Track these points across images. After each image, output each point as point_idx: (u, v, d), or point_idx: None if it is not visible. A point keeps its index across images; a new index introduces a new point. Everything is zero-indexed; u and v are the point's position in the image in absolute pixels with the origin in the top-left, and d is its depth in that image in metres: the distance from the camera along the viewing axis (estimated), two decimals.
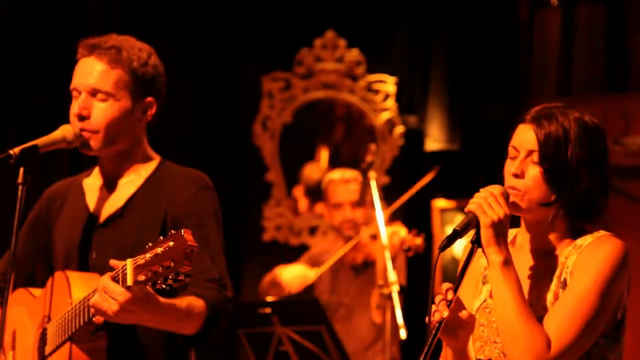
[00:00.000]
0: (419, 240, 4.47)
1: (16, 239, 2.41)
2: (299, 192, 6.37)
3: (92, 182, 2.71)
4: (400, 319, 4.08)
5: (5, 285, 2.45)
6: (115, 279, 2.27)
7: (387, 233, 4.31)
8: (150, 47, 2.69)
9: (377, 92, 6.44)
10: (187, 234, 2.15)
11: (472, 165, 6.23)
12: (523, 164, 2.26)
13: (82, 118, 2.58)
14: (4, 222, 2.55)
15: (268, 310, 4.12)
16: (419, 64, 6.50)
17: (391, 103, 6.40)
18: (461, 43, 6.36)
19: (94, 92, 2.58)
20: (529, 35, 6.26)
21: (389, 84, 6.41)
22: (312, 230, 6.28)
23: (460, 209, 6.27)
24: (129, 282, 2.22)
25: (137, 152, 2.66)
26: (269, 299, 4.30)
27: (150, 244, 2.21)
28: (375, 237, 4.63)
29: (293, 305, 4.28)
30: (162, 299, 2.34)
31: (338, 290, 4.71)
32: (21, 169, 2.42)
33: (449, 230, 2.15)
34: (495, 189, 2.25)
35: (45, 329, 2.58)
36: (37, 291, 2.67)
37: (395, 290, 4.11)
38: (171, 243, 2.16)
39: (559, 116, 2.27)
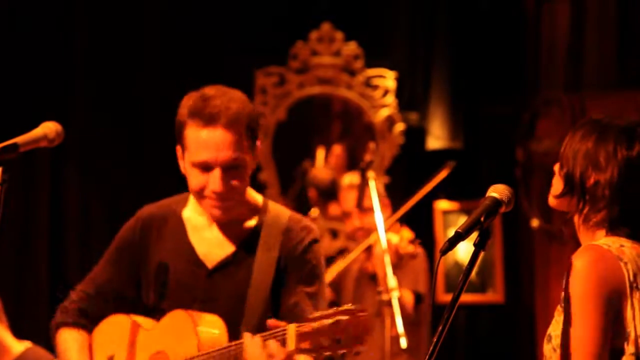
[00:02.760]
0: (411, 248, 4.50)
1: None
2: (312, 196, 6.37)
3: (194, 217, 2.72)
4: (400, 327, 4.09)
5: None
6: (274, 339, 2.30)
7: (387, 237, 4.33)
8: (241, 92, 2.70)
9: (376, 87, 6.46)
10: (362, 313, 2.20)
11: (476, 165, 6.25)
12: None
13: (220, 194, 2.59)
14: None
15: None
16: (420, 58, 6.52)
17: (391, 99, 6.42)
18: (465, 35, 6.38)
19: (231, 165, 2.59)
20: (536, 28, 6.28)
21: (388, 79, 6.43)
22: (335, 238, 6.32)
23: (464, 210, 6.33)
24: (291, 346, 2.25)
25: (246, 195, 2.69)
26: None
27: (317, 314, 2.24)
28: (367, 250, 4.66)
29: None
30: None
31: (359, 299, 4.73)
32: (0, 169, 2.42)
33: (451, 232, 2.17)
34: (501, 189, 2.27)
35: None
36: (147, 322, 2.68)
37: (395, 296, 4.13)
38: (344, 317, 2.19)
39: None
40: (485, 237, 2.21)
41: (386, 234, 4.38)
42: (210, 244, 2.67)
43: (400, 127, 6.40)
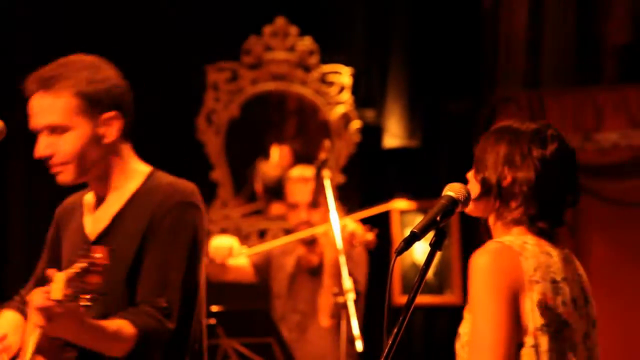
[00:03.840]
0: (370, 236, 4.50)
1: None
2: (258, 190, 6.38)
3: (89, 199, 2.82)
4: (356, 330, 4.11)
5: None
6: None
7: (343, 224, 4.35)
8: (98, 59, 2.79)
9: (331, 84, 6.47)
10: (97, 251, 2.29)
11: (434, 164, 6.29)
12: None
13: (48, 157, 2.69)
14: None
15: (212, 320, 4.13)
16: (376, 54, 6.54)
17: (347, 96, 6.44)
18: (422, 32, 6.41)
19: (51, 129, 2.67)
20: (494, 24, 6.32)
21: (344, 75, 6.45)
22: (262, 234, 6.29)
23: (421, 210, 6.36)
24: (56, 295, 2.33)
25: (118, 168, 2.75)
26: (214, 308, 4.30)
27: (77, 258, 2.34)
28: (312, 242, 4.66)
29: (240, 315, 4.28)
30: (88, 319, 2.46)
31: (294, 295, 4.73)
32: None
33: (408, 232, 2.19)
34: (457, 187, 2.29)
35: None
36: None
37: (350, 298, 4.14)
38: (95, 257, 2.30)
39: None
40: (441, 237, 2.23)
41: (340, 225, 4.39)
42: (94, 219, 2.76)
43: (356, 124, 6.41)
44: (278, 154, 6.46)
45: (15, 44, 5.91)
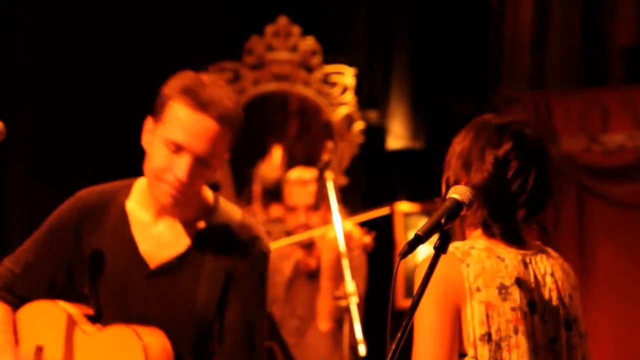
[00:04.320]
0: (367, 239, 4.51)
1: None
2: (256, 191, 6.39)
3: (138, 210, 2.66)
4: (359, 334, 4.11)
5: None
6: None
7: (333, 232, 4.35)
8: (227, 86, 2.72)
9: (334, 84, 6.48)
10: None
11: (438, 165, 6.28)
12: None
13: (179, 182, 2.54)
14: None
15: None
16: (379, 54, 6.55)
17: (349, 97, 6.44)
18: (426, 32, 6.42)
19: (204, 159, 2.55)
20: (499, 23, 6.33)
21: (347, 75, 6.45)
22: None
23: (425, 212, 6.37)
24: None
25: (198, 194, 2.65)
26: None
27: None
28: (310, 245, 4.66)
29: None
30: None
31: (292, 300, 4.73)
32: None
33: (412, 235, 2.20)
34: (462, 190, 2.30)
35: None
36: (84, 323, 2.61)
37: (353, 302, 4.14)
38: None
39: None
40: (446, 240, 2.24)
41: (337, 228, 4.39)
42: (155, 242, 2.62)
43: (359, 125, 6.42)
44: (280, 155, 6.47)
45: (15, 44, 5.92)
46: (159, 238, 2.62)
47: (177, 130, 2.54)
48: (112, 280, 2.61)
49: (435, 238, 2.25)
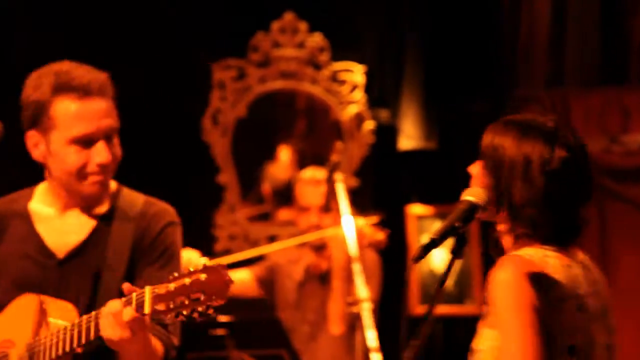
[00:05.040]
0: (380, 235, 4.50)
1: None
2: (266, 192, 6.39)
3: (40, 208, 2.79)
4: (372, 341, 4.11)
5: None
6: (128, 304, 2.43)
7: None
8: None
9: (343, 82, 6.48)
10: (223, 269, 2.32)
11: (452, 167, 6.27)
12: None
13: (105, 166, 2.70)
14: None
15: (222, 331, 4.15)
16: (390, 50, 6.54)
17: (359, 95, 6.44)
18: (439, 27, 6.41)
19: (110, 134, 2.72)
20: (515, 19, 6.32)
21: (356, 73, 6.45)
22: (272, 240, 6.29)
23: (439, 215, 6.35)
24: (147, 310, 2.37)
25: None
26: (223, 318, 4.32)
27: (175, 275, 2.35)
28: (321, 247, 4.66)
29: (251, 325, 4.29)
30: (149, 333, 2.53)
31: (303, 305, 4.73)
32: None
33: (425, 239, 2.19)
34: (477, 192, 2.30)
35: (6, 355, 2.67)
36: None
37: (366, 308, 4.14)
38: (203, 276, 2.31)
39: None
40: (461, 244, 2.24)
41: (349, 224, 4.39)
42: (60, 232, 2.75)
43: (369, 125, 6.42)
44: (287, 155, 6.46)
45: (13, 44, 5.93)
46: (63, 228, 2.76)
47: (77, 125, 2.66)
48: (23, 278, 2.73)
49: (450, 242, 2.24)
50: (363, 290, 4.17)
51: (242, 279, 4.74)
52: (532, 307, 2.21)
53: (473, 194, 2.30)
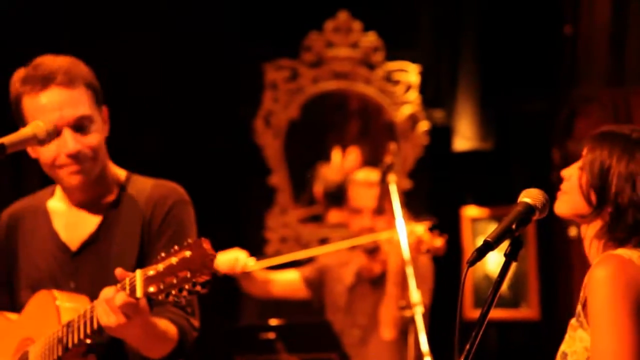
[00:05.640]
0: (439, 242, 4.48)
1: None
2: (318, 193, 6.40)
3: (57, 205, 2.87)
4: (425, 346, 4.11)
5: None
6: (121, 290, 2.46)
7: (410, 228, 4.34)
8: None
9: (397, 82, 6.47)
10: (205, 243, 2.33)
11: (508, 168, 6.25)
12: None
13: (75, 156, 2.72)
14: None
15: (272, 335, 4.17)
16: (445, 50, 6.52)
17: (414, 95, 6.43)
18: (495, 26, 6.38)
19: (78, 122, 2.72)
20: (574, 16, 6.27)
21: (411, 73, 6.44)
22: (323, 242, 6.30)
23: (494, 217, 6.32)
24: (139, 293, 2.40)
25: (105, 169, 2.83)
26: (273, 322, 4.34)
27: (162, 255, 2.38)
28: (374, 250, 4.65)
29: (301, 328, 4.30)
30: (151, 317, 2.56)
31: (354, 309, 4.74)
32: None
33: (480, 241, 2.19)
34: (535, 193, 2.29)
35: (26, 352, 2.73)
36: (12, 315, 2.83)
37: (419, 312, 4.13)
38: (187, 253, 2.34)
39: None
40: (517, 247, 2.23)
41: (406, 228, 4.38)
42: (72, 226, 2.82)
43: (424, 126, 6.40)
44: (340, 157, 6.47)
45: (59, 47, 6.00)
46: (75, 222, 2.83)
47: (40, 117, 2.67)
48: (43, 275, 2.80)
49: (505, 245, 2.23)
50: (416, 294, 4.16)
51: (290, 280, 4.76)
52: (632, 304, 2.28)
53: (530, 196, 2.29)
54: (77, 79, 2.72)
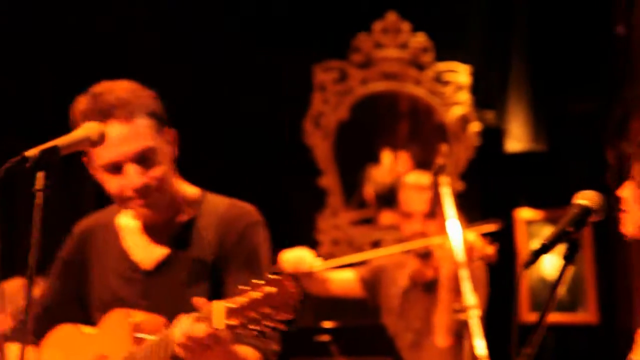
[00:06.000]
0: (490, 249, 4.46)
1: (35, 251, 2.50)
2: (369, 196, 6.40)
3: (127, 222, 2.86)
4: (481, 350, 4.09)
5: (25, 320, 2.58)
6: (200, 320, 2.44)
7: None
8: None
9: (447, 83, 6.46)
10: (287, 280, 2.31)
11: (562, 169, 6.20)
12: None
13: (140, 190, 2.69)
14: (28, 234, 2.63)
15: (326, 337, 4.18)
16: (496, 49, 6.49)
17: (464, 96, 6.41)
18: (546, 25, 6.34)
19: (140, 156, 2.69)
20: (627, 11, 6.21)
21: (461, 73, 6.42)
22: (375, 244, 6.30)
23: (549, 219, 6.28)
24: (220, 325, 2.37)
25: (174, 191, 2.80)
26: (327, 324, 4.35)
27: (244, 287, 2.36)
28: (426, 255, 4.64)
29: (356, 331, 4.31)
30: (232, 347, 2.54)
31: (407, 313, 4.73)
32: (39, 174, 2.48)
33: (535, 244, 2.18)
34: (591, 195, 2.27)
35: None
36: (87, 329, 2.84)
37: (474, 316, 4.11)
38: (272, 289, 2.31)
39: None
40: (574, 250, 2.22)
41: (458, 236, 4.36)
42: (144, 246, 2.80)
43: (475, 127, 6.38)
44: (390, 159, 6.47)
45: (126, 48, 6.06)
46: (147, 241, 2.81)
47: (101, 153, 2.67)
48: (113, 294, 2.81)
49: (561, 247, 2.22)
50: (471, 298, 4.14)
51: (347, 279, 4.76)
52: None
53: (586, 198, 2.28)
54: (137, 110, 2.68)
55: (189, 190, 2.85)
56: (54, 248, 2.93)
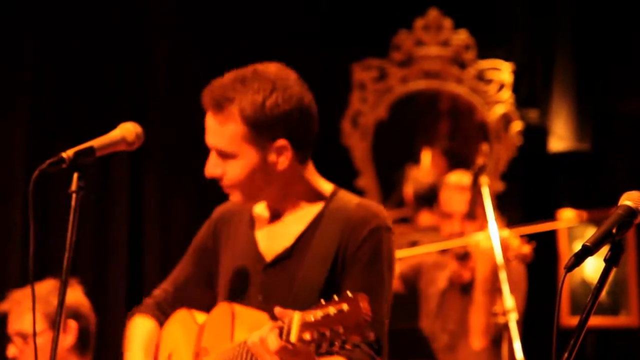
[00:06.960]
0: (526, 249, 4.44)
1: (70, 253, 2.50)
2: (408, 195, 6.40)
3: (261, 213, 2.86)
4: (519, 354, 4.08)
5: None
6: (277, 331, 2.44)
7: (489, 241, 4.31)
8: (282, 73, 2.79)
9: (489, 81, 6.43)
10: (362, 301, 2.29)
11: (607, 169, 6.17)
12: None
13: (210, 177, 2.76)
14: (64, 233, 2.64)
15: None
16: (540, 47, 6.47)
17: (507, 95, 6.38)
18: (591, 22, 6.30)
19: (218, 152, 2.74)
20: None
21: (504, 71, 6.40)
22: (413, 245, 6.29)
23: (592, 221, 6.24)
24: (293, 338, 2.37)
25: (296, 191, 2.78)
26: None
27: (323, 302, 2.35)
28: (464, 256, 4.62)
29: (392, 334, 4.31)
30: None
31: (444, 314, 4.72)
32: (75, 175, 2.49)
33: (577, 246, 2.16)
34: (636, 196, 2.24)
35: None
36: (200, 317, 2.87)
37: (513, 319, 4.10)
38: (345, 306, 2.30)
39: None
40: (617, 252, 2.19)
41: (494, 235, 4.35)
42: (271, 237, 2.80)
43: (517, 126, 6.35)
44: (430, 158, 6.45)
45: (150, 48, 6.09)
46: (273, 233, 2.81)
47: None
48: (237, 282, 2.81)
49: (604, 250, 2.20)
50: (509, 300, 4.13)
51: None
52: None
53: (631, 199, 2.25)
54: (233, 113, 2.68)
55: (322, 186, 2.82)
56: (83, 249, 2.94)
